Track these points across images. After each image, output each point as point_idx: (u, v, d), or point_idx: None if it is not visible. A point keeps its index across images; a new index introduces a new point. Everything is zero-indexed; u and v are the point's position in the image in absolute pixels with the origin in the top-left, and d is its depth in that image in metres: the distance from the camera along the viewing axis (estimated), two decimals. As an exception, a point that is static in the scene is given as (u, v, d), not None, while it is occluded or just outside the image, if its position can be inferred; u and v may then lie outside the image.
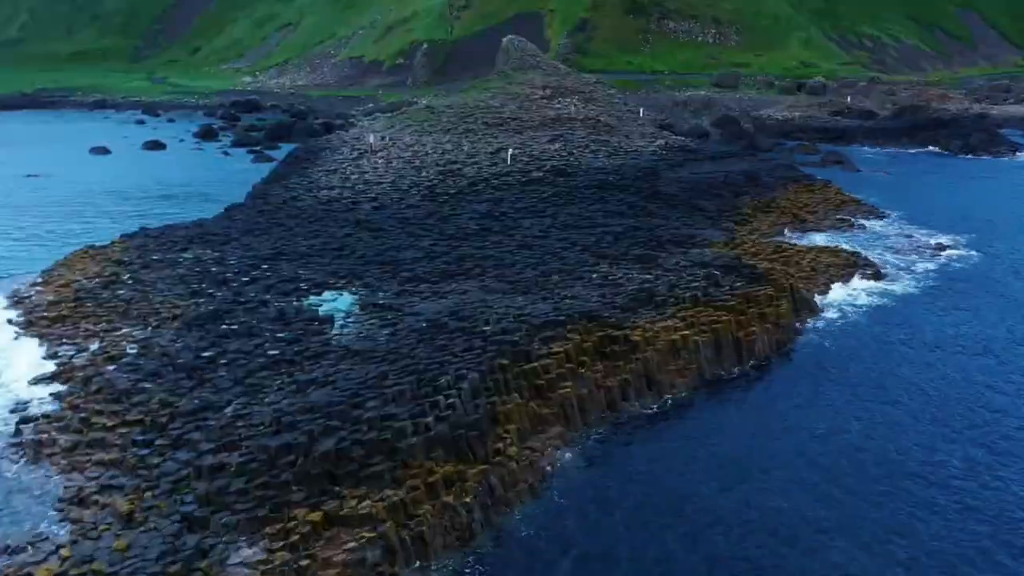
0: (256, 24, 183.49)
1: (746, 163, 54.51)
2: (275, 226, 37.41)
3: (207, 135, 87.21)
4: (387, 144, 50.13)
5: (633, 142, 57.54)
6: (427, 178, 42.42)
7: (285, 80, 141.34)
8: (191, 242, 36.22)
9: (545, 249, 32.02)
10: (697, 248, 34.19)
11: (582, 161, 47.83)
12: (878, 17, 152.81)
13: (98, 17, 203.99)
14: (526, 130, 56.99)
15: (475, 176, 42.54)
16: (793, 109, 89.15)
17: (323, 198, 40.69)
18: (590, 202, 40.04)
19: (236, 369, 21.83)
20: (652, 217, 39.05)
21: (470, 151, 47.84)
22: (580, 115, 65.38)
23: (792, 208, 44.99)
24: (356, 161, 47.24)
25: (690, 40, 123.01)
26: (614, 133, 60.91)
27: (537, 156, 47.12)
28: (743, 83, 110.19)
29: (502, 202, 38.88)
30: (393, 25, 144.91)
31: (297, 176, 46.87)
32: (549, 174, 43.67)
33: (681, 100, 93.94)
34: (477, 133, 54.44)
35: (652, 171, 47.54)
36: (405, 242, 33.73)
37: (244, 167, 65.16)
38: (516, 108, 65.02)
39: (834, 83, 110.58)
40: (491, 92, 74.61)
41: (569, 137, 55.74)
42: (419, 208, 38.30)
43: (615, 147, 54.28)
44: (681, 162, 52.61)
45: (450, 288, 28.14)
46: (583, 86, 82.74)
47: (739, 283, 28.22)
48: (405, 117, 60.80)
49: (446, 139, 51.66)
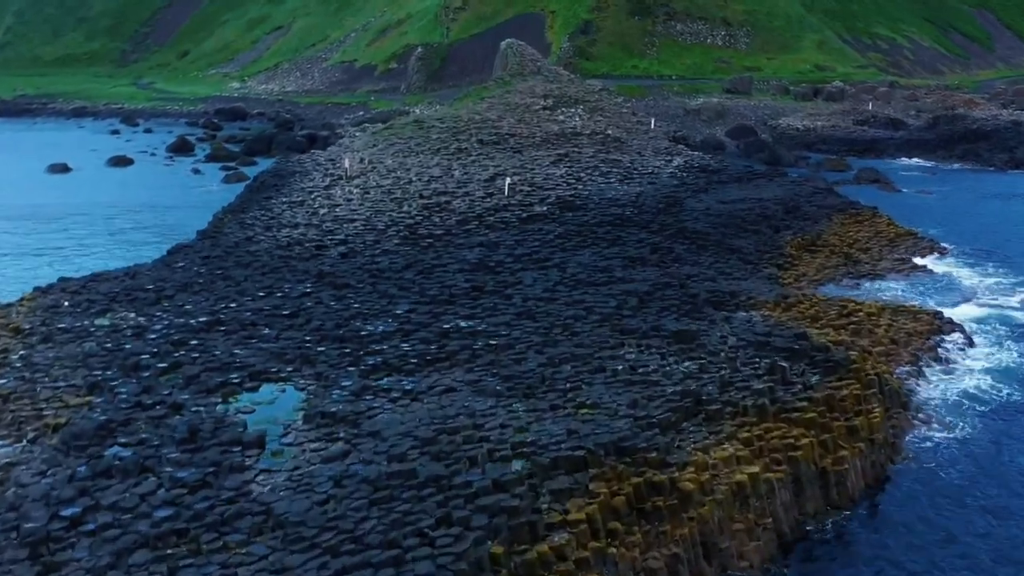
0: (247, 27, 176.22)
1: (776, 185, 47.37)
2: (220, 279, 30.20)
3: (181, 148, 80.00)
4: (365, 168, 42.94)
5: (647, 161, 50.39)
6: (408, 214, 35.17)
7: (273, 86, 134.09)
8: (114, 300, 29.02)
9: (552, 319, 24.82)
10: (743, 310, 27.04)
11: (592, 189, 40.63)
12: (892, 17, 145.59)
13: (85, 20, 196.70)
14: (526, 149, 49.80)
15: (466, 211, 35.30)
16: (814, 118, 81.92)
17: (283, 240, 33.48)
18: (605, 244, 32.85)
19: (101, 548, 14.65)
20: (680, 263, 31.89)
21: (461, 178, 40.64)
22: (586, 129, 58.26)
23: (842, 246, 37.81)
24: (328, 190, 40.03)
25: (698, 43, 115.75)
26: (625, 149, 53.78)
27: (540, 184, 39.90)
28: (756, 88, 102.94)
29: (498, 247, 31.67)
30: (386, 28, 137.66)
31: (258, 208, 39.65)
32: (554, 208, 36.46)
33: (693, 108, 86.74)
34: (470, 153, 47.24)
35: (674, 200, 40.34)
36: (376, 306, 26.52)
37: (212, 188, 58.02)
38: (515, 121, 57.89)
39: (852, 88, 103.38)
40: (487, 102, 67.55)
41: (575, 156, 48.58)
42: (397, 256, 31.07)
43: (628, 168, 47.11)
44: (704, 186, 45.46)
45: (428, 383, 20.97)
46: (588, 94, 75.69)
47: (813, 375, 21.03)
48: (390, 133, 53.62)
49: (434, 162, 44.45)
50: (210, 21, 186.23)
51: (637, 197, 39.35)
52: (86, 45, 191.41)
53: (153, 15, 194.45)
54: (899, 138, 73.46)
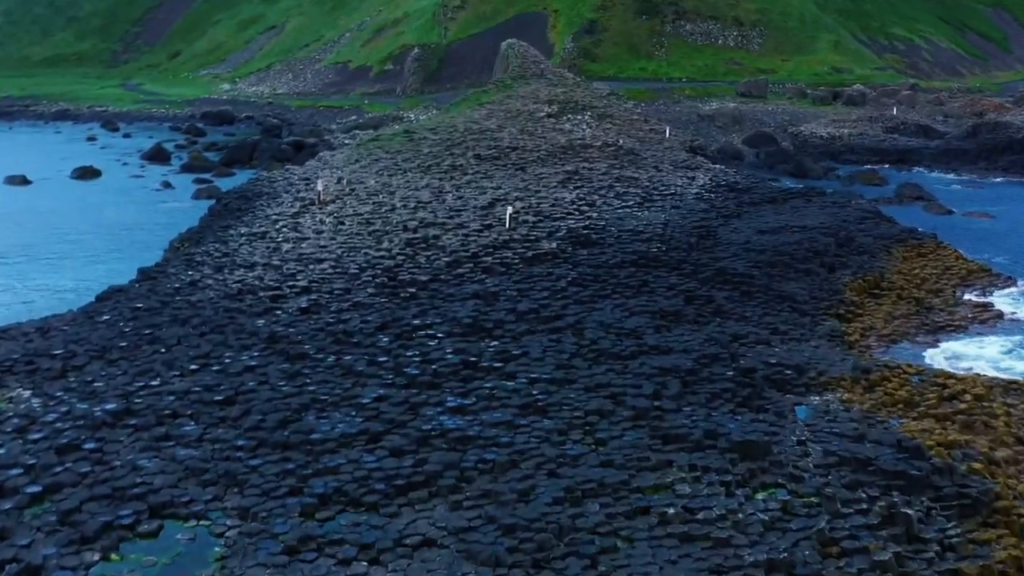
0: (239, 27, 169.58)
1: (816, 208, 40.92)
2: (148, 341, 23.76)
3: (156, 157, 73.49)
4: (343, 190, 36.49)
5: (667, 178, 43.96)
6: (389, 252, 28.67)
7: (264, 88, 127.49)
8: (10, 372, 22.65)
9: (569, 414, 18.43)
10: (815, 392, 20.66)
11: (608, 217, 34.13)
12: (907, 17, 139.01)
13: (75, 19, 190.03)
14: (530, 165, 43.35)
15: (459, 249, 28.79)
16: (839, 124, 75.40)
17: (234, 286, 27.01)
18: (629, 292, 26.41)
19: None
20: (723, 316, 25.49)
21: (454, 204, 34.16)
22: (596, 139, 51.80)
23: (909, 287, 31.36)
24: (296, 219, 33.56)
25: (709, 43, 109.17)
26: (641, 164, 47.37)
27: (547, 213, 33.38)
28: (771, 92, 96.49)
29: (497, 299, 25.22)
30: (382, 27, 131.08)
31: (213, 240, 33.18)
32: (565, 243, 29.96)
33: (707, 113, 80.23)
34: (466, 171, 40.77)
35: (705, 230, 33.86)
36: (336, 389, 20.10)
37: (179, 207, 51.54)
38: (517, 132, 51.46)
39: (873, 91, 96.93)
40: (487, 108, 61.14)
41: (586, 174, 42.13)
42: (370, 311, 24.61)
43: (646, 188, 40.66)
44: (735, 209, 39.04)
45: (397, 529, 14.61)
46: (595, 99, 69.27)
47: (946, 520, 14.63)
48: (375, 145, 47.16)
49: (423, 182, 37.97)
50: (202, 21, 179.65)
51: (664, 228, 32.81)
52: (76, 45, 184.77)
53: (144, 14, 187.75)
54: (935, 148, 66.91)
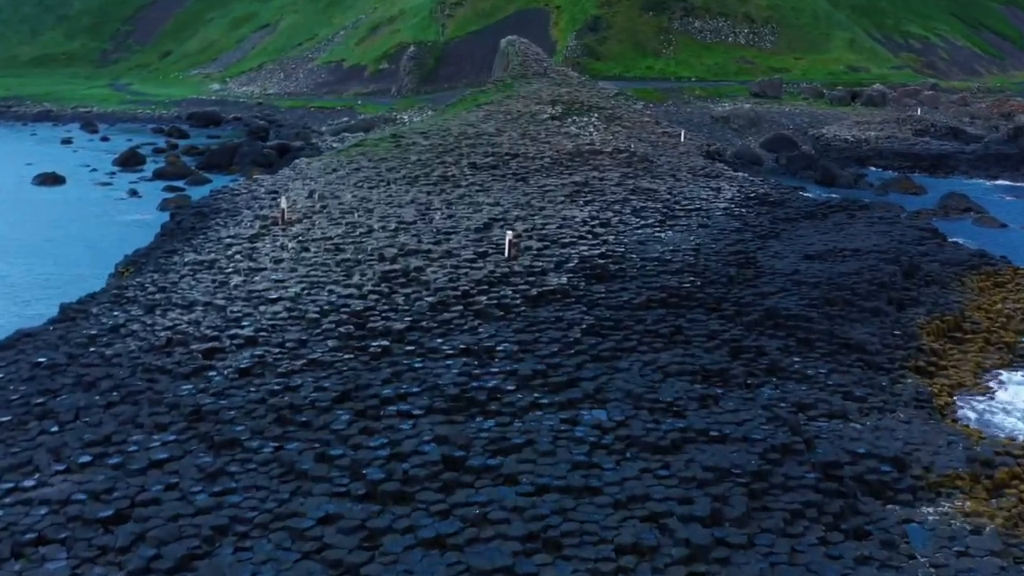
0: (232, 25, 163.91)
1: (863, 224, 35.20)
2: (38, 415, 18.05)
3: (129, 162, 67.74)
4: (314, 207, 30.74)
5: (690, 189, 38.25)
6: (359, 289, 22.88)
7: (254, 88, 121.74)
8: None
9: (591, 561, 12.69)
10: (926, 501, 14.96)
11: (627, 240, 28.37)
12: (921, 15, 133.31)
13: (65, 18, 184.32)
14: (533, 175, 37.60)
15: (445, 286, 22.99)
16: (864, 127, 69.61)
17: (163, 333, 21.24)
18: (659, 344, 20.67)
19: None
20: (781, 375, 19.79)
21: (443, 225, 28.39)
22: (606, 144, 46.10)
23: (991, 326, 25.62)
24: (254, 242, 27.79)
25: (719, 41, 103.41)
26: (657, 172, 41.68)
27: (553, 236, 27.59)
28: (785, 91, 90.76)
29: (492, 357, 19.47)
30: (377, 25, 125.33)
31: (152, 269, 27.42)
32: (578, 277, 24.17)
33: (720, 115, 74.47)
34: (459, 183, 34.99)
35: (744, 256, 28.10)
36: (268, 502, 14.34)
37: (140, 220, 45.77)
38: (518, 136, 45.74)
39: (893, 91, 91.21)
40: (484, 110, 55.45)
41: (597, 186, 36.39)
42: (328, 373, 18.85)
43: (668, 203, 34.90)
44: (771, 228, 33.30)
45: None
46: (602, 100, 63.58)
47: None
48: (358, 151, 41.37)
49: (408, 196, 32.19)
50: (195, 19, 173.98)
51: (695, 254, 27.04)
52: (65, 44, 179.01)
53: (136, 13, 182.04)
54: (971, 152, 61.17)
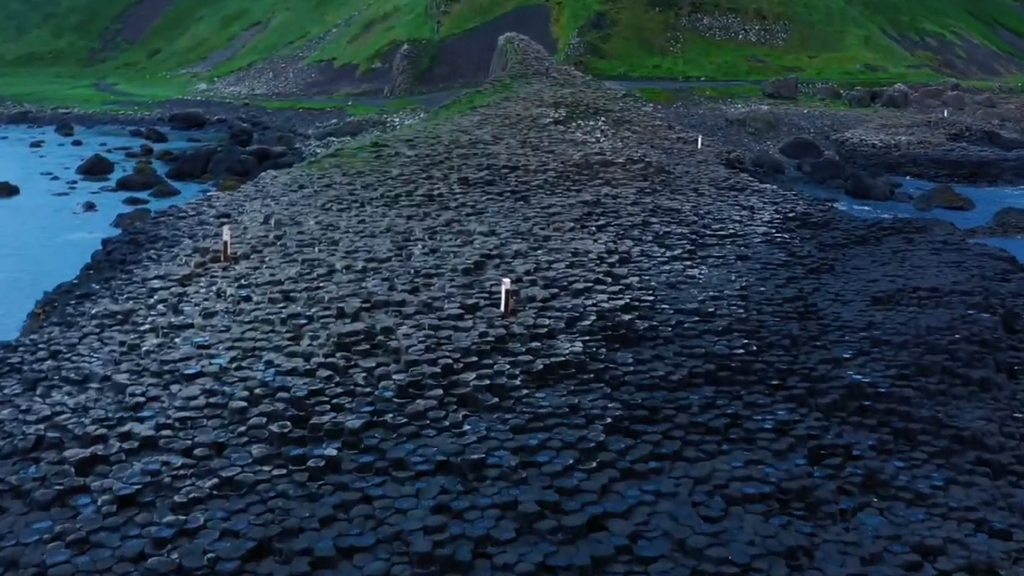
0: (223, 23, 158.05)
1: (927, 252, 29.20)
2: None
3: (94, 169, 61.90)
4: (267, 236, 24.86)
5: (715, 206, 32.36)
6: (306, 361, 16.92)
7: (242, 88, 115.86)
8: None
9: None
10: None
11: (655, 281, 22.48)
12: (936, 11, 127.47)
13: (52, 16, 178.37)
14: (535, 192, 31.70)
15: (421, 358, 17.01)
16: (891, 131, 63.77)
17: (35, 428, 15.39)
18: (711, 444, 14.82)
19: None
20: (884, 495, 13.97)
21: (423, 263, 22.50)
22: (617, 153, 40.17)
23: None
24: (186, 285, 21.94)
25: (729, 39, 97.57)
26: (677, 186, 35.80)
27: (561, 280, 21.66)
28: (801, 92, 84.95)
29: (482, 476, 13.55)
30: (371, 22, 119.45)
31: (56, 321, 21.57)
32: (596, 339, 18.29)
33: (735, 117, 68.67)
34: (447, 204, 29.09)
35: (800, 302, 22.26)
36: None
37: (89, 238, 39.79)
38: (517, 144, 39.87)
39: (914, 92, 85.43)
40: (480, 113, 49.56)
41: (611, 206, 30.50)
42: (244, 504, 12.99)
43: (695, 226, 29.01)
44: (822, 257, 27.41)
45: None
46: (610, 101, 57.56)
47: None
48: (332, 163, 35.47)
49: (384, 223, 26.29)
50: (185, 17, 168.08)
51: (742, 301, 21.13)
52: (52, 43, 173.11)
53: (125, 10, 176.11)
54: (1015, 160, 55.41)
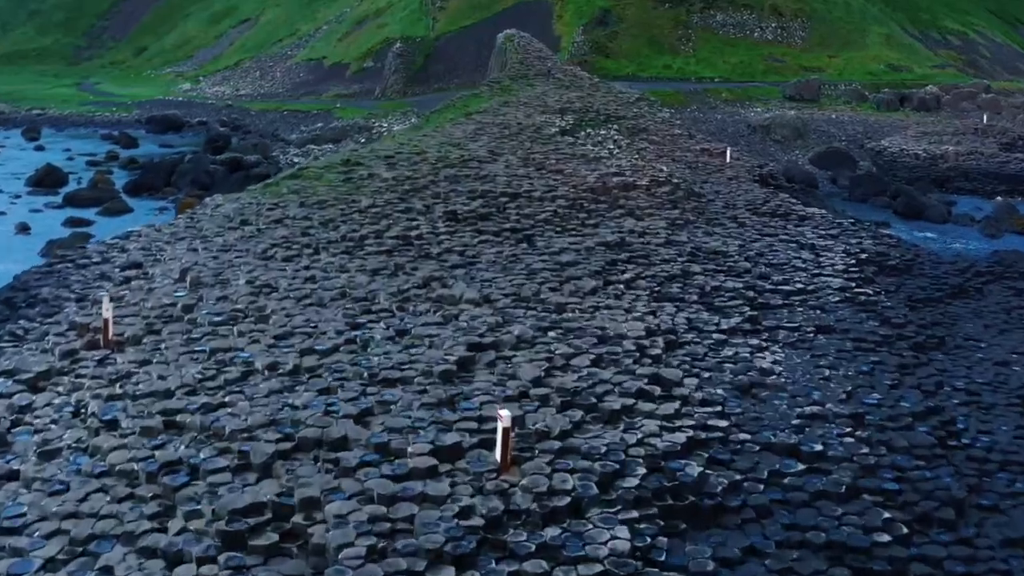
0: (211, 20, 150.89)
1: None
2: None
3: (45, 181, 54.62)
4: (174, 306, 17.80)
5: (767, 244, 25.20)
6: (168, 570, 10.10)
7: (226, 88, 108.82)
8: None
9: None
10: None
11: (717, 387, 15.62)
12: (957, 9, 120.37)
13: (37, 13, 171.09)
14: (541, 229, 24.56)
15: (353, 570, 10.15)
16: (934, 139, 56.79)
17: None
18: None
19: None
20: None
21: (383, 357, 15.43)
22: (638, 172, 32.86)
23: None
24: (38, 390, 15.11)
25: (743, 37, 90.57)
26: (713, 216, 28.69)
27: (587, 391, 14.44)
28: (824, 95, 77.97)
29: None
30: (363, 19, 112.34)
31: None
32: (649, 519, 11.31)
33: (759, 123, 61.70)
34: (428, 252, 22.00)
35: (937, 419, 15.35)
36: None
37: (3, 271, 32.92)
38: (518, 162, 32.72)
39: (947, 95, 78.43)
40: (475, 121, 42.40)
41: (638, 247, 23.40)
42: None
43: (750, 278, 21.78)
44: (920, 322, 20.37)
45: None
46: (622, 106, 50.30)
47: None
48: (291, 188, 28.41)
49: (339, 281, 19.21)
50: (174, 13, 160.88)
51: (855, 426, 14.17)
52: (37, 40, 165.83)
53: (112, 7, 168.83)
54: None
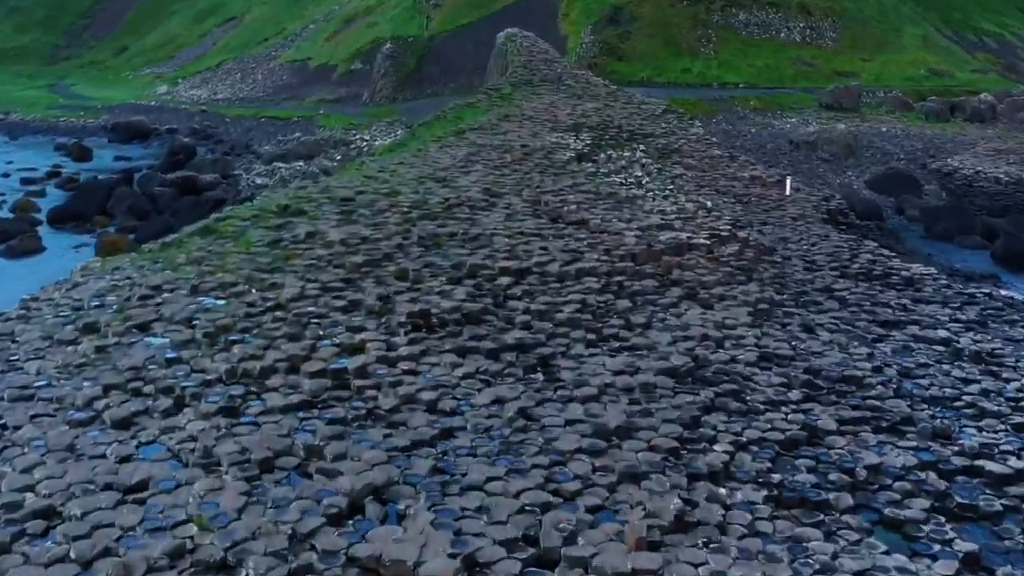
0: (196, 18, 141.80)
1: None
2: None
3: (-43, 205, 45.75)
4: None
5: (902, 351, 15.87)
6: None
7: (202, 91, 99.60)
8: None
9: None
10: None
11: None
12: (990, 8, 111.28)
13: (16, 10, 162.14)
14: (567, 341, 15.36)
15: None
16: (1014, 159, 47.61)
17: None
18: None
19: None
20: None
21: None
22: (691, 222, 23.37)
23: None
24: None
25: (769, 37, 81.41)
26: (799, 290, 19.33)
27: None
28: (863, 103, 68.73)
29: None
30: (352, 17, 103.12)
31: None
32: None
33: (802, 138, 52.46)
34: (371, 411, 12.92)
35: None
36: None
37: None
38: (522, 204, 23.19)
39: (1001, 103, 69.21)
40: (469, 142, 32.68)
41: (715, 368, 14.20)
42: None
43: (914, 437, 12.75)
44: None
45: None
46: (647, 120, 40.49)
47: None
48: (198, 250, 19.31)
49: (177, 524, 10.37)
50: (158, 11, 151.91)
51: None
52: (15, 39, 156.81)
53: (94, 4, 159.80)
54: None
